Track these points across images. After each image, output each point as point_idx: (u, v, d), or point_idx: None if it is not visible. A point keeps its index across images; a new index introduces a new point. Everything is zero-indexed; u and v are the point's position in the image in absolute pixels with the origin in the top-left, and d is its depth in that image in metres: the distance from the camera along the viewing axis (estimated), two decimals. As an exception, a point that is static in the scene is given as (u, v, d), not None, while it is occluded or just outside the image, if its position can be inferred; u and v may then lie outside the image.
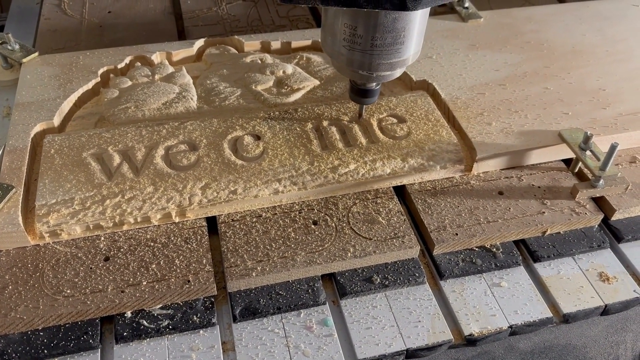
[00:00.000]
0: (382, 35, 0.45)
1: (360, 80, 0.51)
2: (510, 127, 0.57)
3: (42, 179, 0.50)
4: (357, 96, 0.54)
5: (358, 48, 0.47)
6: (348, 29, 0.46)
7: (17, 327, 0.43)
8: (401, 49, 0.47)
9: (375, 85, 0.52)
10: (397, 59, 0.48)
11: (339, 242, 0.49)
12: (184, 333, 0.44)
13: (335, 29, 0.47)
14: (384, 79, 0.50)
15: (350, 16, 0.45)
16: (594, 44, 0.70)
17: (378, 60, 0.47)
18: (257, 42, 0.69)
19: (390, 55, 0.47)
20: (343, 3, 0.41)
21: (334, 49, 0.49)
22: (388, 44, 0.46)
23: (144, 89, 0.61)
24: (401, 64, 0.48)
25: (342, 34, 0.47)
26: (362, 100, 0.54)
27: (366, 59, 0.47)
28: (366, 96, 0.53)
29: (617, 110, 0.60)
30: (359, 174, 0.53)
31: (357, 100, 0.54)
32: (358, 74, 0.50)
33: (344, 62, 0.49)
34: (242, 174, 0.51)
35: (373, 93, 0.53)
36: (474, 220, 0.51)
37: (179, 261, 0.47)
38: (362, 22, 0.45)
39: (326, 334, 0.45)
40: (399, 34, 0.46)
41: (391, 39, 0.46)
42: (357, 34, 0.46)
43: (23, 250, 0.47)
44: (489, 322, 0.46)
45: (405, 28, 0.46)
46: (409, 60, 0.49)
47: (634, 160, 0.58)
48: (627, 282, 0.50)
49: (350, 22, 0.45)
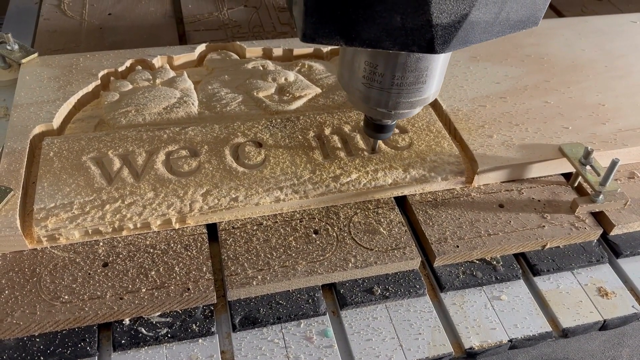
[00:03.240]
0: (403, 74, 0.44)
1: (376, 117, 0.50)
2: (511, 140, 0.57)
3: (41, 182, 0.49)
4: (373, 131, 0.52)
5: (377, 86, 0.45)
6: (368, 66, 0.44)
7: (13, 333, 0.42)
8: (422, 88, 0.45)
9: (392, 121, 0.51)
10: (418, 97, 0.46)
11: (340, 252, 0.49)
12: (183, 342, 0.44)
13: (355, 65, 0.45)
14: (402, 116, 0.49)
15: (371, 54, 0.43)
16: (593, 59, 0.71)
17: (398, 99, 0.46)
18: (258, 48, 0.69)
19: (410, 95, 0.45)
20: (368, 44, 0.39)
21: (350, 84, 0.47)
22: (409, 83, 0.44)
23: (145, 92, 0.61)
24: (421, 102, 0.47)
25: (361, 71, 0.45)
26: (377, 136, 0.52)
27: (384, 97, 0.45)
28: (382, 132, 0.52)
29: (617, 125, 0.60)
30: (361, 183, 0.53)
31: (372, 135, 0.53)
32: (375, 110, 0.48)
33: (362, 98, 0.47)
34: (243, 181, 0.51)
35: (389, 128, 0.51)
36: (474, 233, 0.51)
37: (178, 268, 0.47)
38: (383, 61, 0.43)
39: (326, 345, 0.45)
40: (421, 74, 0.44)
41: (413, 78, 0.44)
42: (378, 72, 0.44)
43: (20, 255, 0.47)
44: (489, 336, 0.46)
45: (429, 68, 0.44)
46: (430, 99, 0.47)
47: (632, 176, 0.59)
48: (625, 298, 0.50)
49: (371, 60, 0.44)
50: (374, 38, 0.38)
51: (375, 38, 0.38)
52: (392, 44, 0.38)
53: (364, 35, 0.38)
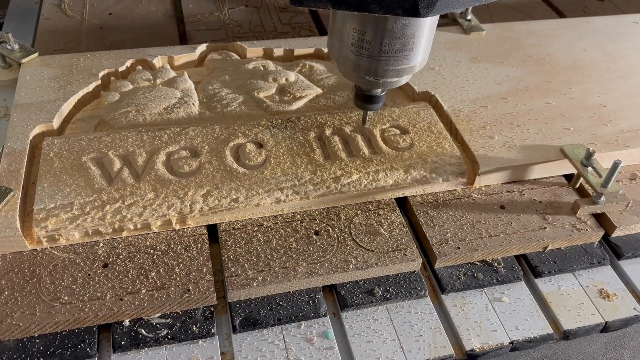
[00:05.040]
0: (390, 41, 0.45)
1: (366, 86, 0.51)
2: (512, 141, 0.57)
3: (41, 183, 0.49)
4: (362, 102, 0.53)
5: (365, 54, 0.46)
6: (356, 34, 0.45)
7: (12, 334, 0.42)
8: (409, 56, 0.47)
9: (381, 91, 0.52)
10: (405, 65, 0.47)
11: (341, 254, 0.48)
12: (183, 343, 0.44)
13: (343, 33, 0.47)
14: (390, 85, 0.50)
15: (359, 21, 0.45)
16: (594, 59, 0.71)
17: (385, 67, 0.47)
18: (259, 48, 0.69)
19: (398, 62, 0.47)
20: (354, 7, 0.40)
21: (341, 53, 0.48)
22: (396, 50, 0.46)
23: (145, 93, 0.60)
24: (408, 70, 0.48)
25: (350, 38, 0.46)
26: (367, 107, 0.54)
27: (373, 65, 0.47)
28: (371, 102, 0.53)
29: (618, 127, 0.60)
30: (362, 184, 0.52)
31: (361, 107, 0.54)
32: (364, 79, 0.49)
33: (351, 67, 0.48)
34: (244, 182, 0.51)
35: (378, 99, 0.53)
36: (476, 234, 0.51)
37: (178, 269, 0.46)
38: (371, 27, 0.44)
39: (327, 347, 0.44)
40: (408, 41, 0.45)
41: (400, 45, 0.45)
42: (366, 39, 0.45)
43: (20, 255, 0.46)
44: (490, 338, 0.46)
45: (415, 35, 0.45)
46: (417, 67, 0.48)
47: (634, 177, 0.58)
48: (627, 300, 0.50)
49: (359, 27, 0.45)
50: (360, 1, 0.39)
51: (361, 1, 0.39)
52: (378, 7, 0.40)
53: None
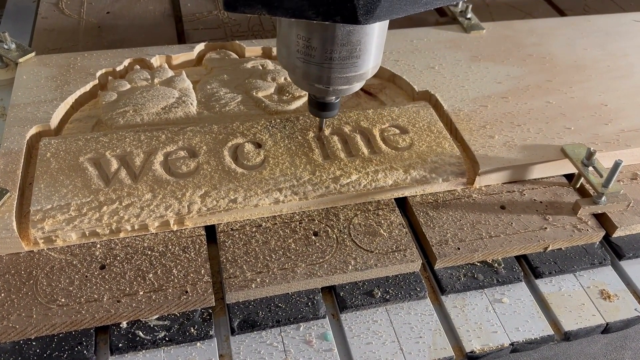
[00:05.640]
0: (336, 48, 0.43)
1: (318, 94, 0.49)
2: (512, 141, 0.57)
3: (38, 184, 0.49)
4: (317, 109, 0.51)
5: (313, 61, 0.44)
6: (302, 40, 0.44)
7: (9, 336, 0.42)
8: (358, 63, 0.45)
9: (335, 98, 0.50)
10: (354, 73, 0.46)
11: (340, 255, 0.48)
12: (181, 345, 0.43)
13: (290, 39, 0.45)
14: (342, 92, 0.48)
15: (304, 27, 0.43)
16: (595, 58, 0.70)
17: (334, 74, 0.45)
18: (258, 47, 0.68)
19: (346, 69, 0.45)
20: (291, 14, 0.38)
21: (289, 61, 0.46)
22: (344, 58, 0.44)
23: (143, 92, 0.60)
24: (358, 78, 0.46)
25: (296, 45, 0.44)
26: (321, 114, 0.52)
27: (323, 73, 0.45)
28: (325, 109, 0.51)
29: (619, 126, 0.60)
30: (361, 184, 0.52)
31: (316, 114, 0.52)
32: (315, 87, 0.48)
33: (300, 75, 0.47)
34: (242, 182, 0.51)
35: (333, 106, 0.51)
36: (476, 235, 0.51)
37: (176, 271, 0.46)
38: (316, 33, 0.43)
39: (326, 349, 0.44)
40: (354, 48, 0.44)
41: (346, 52, 0.44)
42: (312, 46, 0.44)
43: (17, 257, 0.46)
44: (490, 339, 0.46)
45: (361, 41, 0.44)
46: (368, 74, 0.47)
47: (635, 177, 0.58)
48: (628, 301, 0.49)
49: (304, 33, 0.43)
50: (297, 7, 0.37)
51: (298, 7, 0.37)
52: (315, 13, 0.38)
53: (286, 3, 0.37)
